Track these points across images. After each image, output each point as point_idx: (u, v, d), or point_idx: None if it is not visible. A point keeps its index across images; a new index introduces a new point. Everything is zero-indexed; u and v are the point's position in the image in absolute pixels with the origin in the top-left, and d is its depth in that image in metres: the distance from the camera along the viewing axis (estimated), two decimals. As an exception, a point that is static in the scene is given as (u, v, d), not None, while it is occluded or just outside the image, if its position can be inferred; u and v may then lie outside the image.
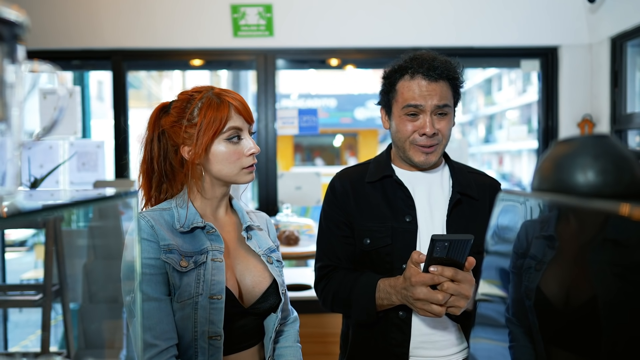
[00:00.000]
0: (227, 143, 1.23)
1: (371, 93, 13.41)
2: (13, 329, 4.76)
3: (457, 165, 1.50)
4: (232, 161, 1.23)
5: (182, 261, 1.18)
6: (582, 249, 0.57)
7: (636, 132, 3.30)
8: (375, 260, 1.40)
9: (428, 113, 1.37)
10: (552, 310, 0.62)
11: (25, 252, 8.05)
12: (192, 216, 1.24)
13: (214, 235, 1.24)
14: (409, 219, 1.39)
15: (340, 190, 1.47)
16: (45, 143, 3.61)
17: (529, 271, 0.66)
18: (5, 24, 0.54)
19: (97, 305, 3.01)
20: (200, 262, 1.19)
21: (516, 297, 0.70)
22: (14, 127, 0.57)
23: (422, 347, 1.37)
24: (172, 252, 1.18)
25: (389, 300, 1.31)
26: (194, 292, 1.17)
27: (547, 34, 3.44)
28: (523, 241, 0.70)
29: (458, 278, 1.19)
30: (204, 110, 1.21)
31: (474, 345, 0.78)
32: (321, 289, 1.47)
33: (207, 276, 1.19)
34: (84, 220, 3.66)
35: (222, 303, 1.18)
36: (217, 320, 1.17)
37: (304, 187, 3.70)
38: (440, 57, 1.41)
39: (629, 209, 0.46)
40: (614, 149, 0.60)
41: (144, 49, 3.48)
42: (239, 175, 1.25)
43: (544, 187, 0.64)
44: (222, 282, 1.19)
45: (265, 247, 1.34)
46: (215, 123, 1.20)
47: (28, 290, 3.28)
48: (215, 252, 1.22)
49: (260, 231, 1.37)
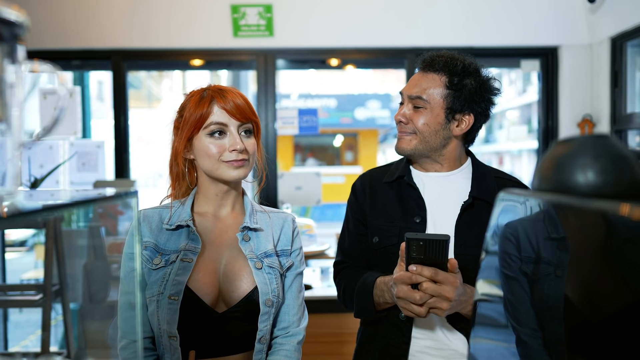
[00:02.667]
0: (209, 138, 1.24)
1: (371, 93, 13.41)
2: (13, 329, 4.75)
3: (482, 169, 1.45)
4: (211, 155, 1.23)
5: (155, 258, 1.22)
6: (601, 250, 0.56)
7: (636, 132, 3.30)
8: (384, 259, 1.40)
9: (405, 102, 1.40)
10: (583, 318, 0.59)
11: (25, 252, 8.05)
12: (182, 215, 1.26)
13: (194, 235, 1.24)
14: (418, 220, 1.38)
15: (360, 189, 1.49)
16: (46, 143, 3.61)
17: (548, 278, 0.63)
18: (6, 24, 0.54)
19: (97, 305, 3.00)
20: (170, 261, 1.21)
21: (533, 306, 0.66)
22: (14, 127, 0.57)
23: (426, 353, 1.35)
24: (147, 249, 1.22)
25: (384, 298, 1.31)
26: (157, 290, 1.19)
27: (547, 34, 3.44)
28: (526, 245, 0.68)
29: (438, 279, 1.17)
30: (190, 105, 1.25)
31: (474, 345, 0.77)
32: (337, 284, 1.51)
33: (172, 276, 1.19)
34: (84, 220, 3.65)
35: (177, 304, 1.17)
36: (172, 321, 1.17)
37: (304, 187, 3.70)
38: (445, 52, 1.40)
39: (629, 209, 0.46)
40: (614, 149, 0.60)
41: (144, 49, 3.48)
42: (221, 169, 1.24)
43: (544, 187, 0.64)
44: (183, 282, 1.19)
45: (261, 251, 1.28)
46: (196, 117, 1.23)
47: (28, 290, 3.27)
48: (188, 252, 1.22)
49: (262, 232, 1.31)
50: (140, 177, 7.48)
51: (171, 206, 1.28)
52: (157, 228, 1.24)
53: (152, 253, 1.22)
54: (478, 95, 1.36)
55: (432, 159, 1.41)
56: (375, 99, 12.98)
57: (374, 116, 12.87)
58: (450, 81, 1.35)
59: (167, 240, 1.24)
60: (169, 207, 1.28)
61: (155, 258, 1.22)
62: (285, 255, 1.32)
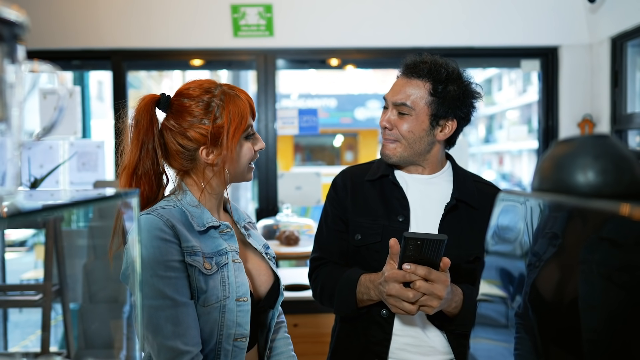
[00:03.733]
0: (246, 141, 1.21)
1: (371, 93, 13.41)
2: (13, 329, 4.75)
3: (462, 173, 1.49)
4: (248, 158, 1.21)
5: (205, 263, 1.13)
6: (576, 247, 0.57)
7: (636, 132, 3.30)
8: (365, 256, 1.41)
9: (390, 107, 1.41)
10: (545, 308, 0.62)
11: (25, 252, 8.05)
12: (204, 215, 1.19)
13: (228, 234, 1.20)
14: (401, 219, 1.39)
15: (341, 186, 1.49)
16: (45, 143, 3.61)
17: (530, 268, 0.66)
18: (5, 24, 0.54)
19: (97, 305, 3.00)
20: (222, 264, 1.15)
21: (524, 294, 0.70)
22: (14, 127, 0.57)
23: (405, 350, 1.37)
24: (197, 254, 1.12)
25: (368, 295, 1.32)
26: (221, 296, 1.13)
27: (547, 34, 3.44)
28: (530, 236, 0.69)
29: (431, 277, 1.19)
30: (228, 109, 1.16)
31: (474, 345, 0.78)
32: (312, 281, 1.51)
33: (232, 278, 1.15)
34: (84, 220, 3.65)
35: (248, 305, 1.16)
36: (244, 322, 1.16)
37: (304, 187, 3.70)
38: (428, 57, 1.39)
39: (629, 209, 0.46)
40: (614, 149, 0.60)
41: (144, 49, 3.48)
42: (247, 172, 1.24)
43: (544, 187, 0.64)
44: (246, 283, 1.17)
45: (262, 244, 1.33)
46: (241, 123, 1.16)
47: (28, 290, 3.28)
48: (234, 252, 1.19)
49: (253, 228, 1.36)
50: (140, 177, 7.46)
51: (171, 207, 1.18)
52: (189, 231, 1.14)
53: (201, 258, 1.13)
54: (461, 101, 1.38)
55: (416, 163, 1.44)
56: (375, 99, 12.98)
57: (374, 116, 12.86)
58: (435, 88, 1.36)
59: (201, 243, 1.15)
60: (172, 207, 1.17)
61: (205, 263, 1.13)
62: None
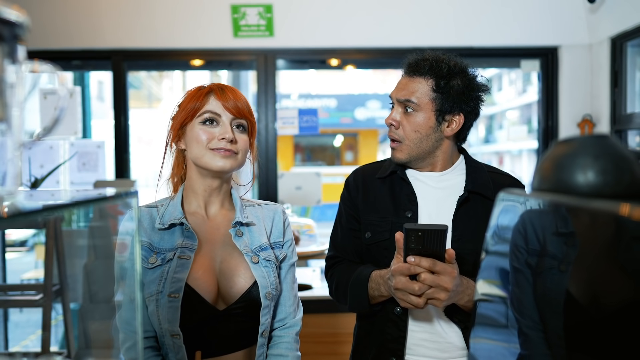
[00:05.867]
0: (201, 125, 1.23)
1: (371, 93, 13.41)
2: (13, 329, 4.75)
3: (476, 165, 1.47)
4: (200, 141, 1.22)
5: (151, 257, 1.20)
6: (609, 248, 0.56)
7: (636, 132, 3.30)
8: (376, 254, 1.41)
9: (395, 105, 1.40)
10: (584, 314, 0.59)
11: (25, 252, 8.06)
12: (174, 213, 1.25)
13: (189, 232, 1.23)
14: (410, 215, 1.39)
15: (353, 185, 1.50)
16: (46, 143, 3.61)
17: (552, 272, 0.64)
18: (6, 24, 0.54)
19: (97, 305, 3.00)
20: (167, 259, 1.20)
21: (536, 299, 0.67)
22: (15, 127, 0.57)
23: (423, 346, 1.36)
24: (142, 248, 1.20)
25: (379, 291, 1.31)
26: (155, 290, 1.18)
27: (547, 34, 3.44)
28: (533, 237, 0.68)
29: (437, 269, 1.18)
30: (187, 96, 1.27)
31: (474, 345, 0.77)
32: (328, 279, 1.51)
33: (170, 274, 1.18)
34: (84, 220, 3.66)
35: (178, 302, 1.16)
36: (174, 319, 1.16)
37: (304, 187, 3.70)
38: (430, 54, 1.39)
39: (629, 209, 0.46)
40: (614, 149, 0.60)
41: (144, 49, 3.48)
42: (207, 157, 1.21)
43: (544, 187, 0.64)
44: (183, 280, 1.18)
45: (256, 245, 1.28)
46: (192, 106, 1.24)
47: (28, 290, 3.27)
48: (185, 249, 1.21)
49: (254, 226, 1.30)
50: (141, 177, 7.48)
51: (158, 205, 1.27)
52: (150, 227, 1.23)
53: (147, 252, 1.21)
54: (466, 95, 1.38)
55: (426, 161, 1.43)
56: (375, 99, 12.99)
57: (374, 116, 12.87)
58: (437, 84, 1.36)
59: (160, 239, 1.23)
60: (156, 205, 1.27)
61: (151, 257, 1.20)
62: (279, 247, 1.33)
